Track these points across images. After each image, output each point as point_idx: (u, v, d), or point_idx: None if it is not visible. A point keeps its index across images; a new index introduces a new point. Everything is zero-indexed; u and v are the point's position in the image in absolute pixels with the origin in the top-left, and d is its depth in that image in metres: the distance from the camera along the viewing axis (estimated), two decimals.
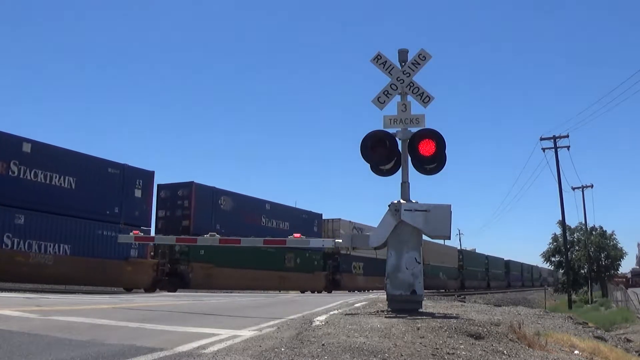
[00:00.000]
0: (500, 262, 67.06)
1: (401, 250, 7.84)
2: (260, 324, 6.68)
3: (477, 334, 5.63)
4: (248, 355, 4.28)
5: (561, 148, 36.07)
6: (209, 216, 24.82)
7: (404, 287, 7.74)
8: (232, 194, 26.96)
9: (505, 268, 68.39)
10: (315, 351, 4.34)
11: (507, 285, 66.21)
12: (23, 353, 4.15)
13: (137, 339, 4.97)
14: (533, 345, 5.80)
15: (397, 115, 8.68)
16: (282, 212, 30.41)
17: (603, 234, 47.32)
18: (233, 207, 26.43)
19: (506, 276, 68.12)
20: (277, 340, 4.98)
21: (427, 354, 4.52)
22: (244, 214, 26.89)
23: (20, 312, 7.09)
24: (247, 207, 27.75)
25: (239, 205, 26.95)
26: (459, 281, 51.30)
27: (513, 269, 71.74)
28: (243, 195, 28.14)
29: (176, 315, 8.16)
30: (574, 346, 7.75)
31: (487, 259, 62.02)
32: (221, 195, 26.08)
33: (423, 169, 8.82)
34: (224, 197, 26.24)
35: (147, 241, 11.50)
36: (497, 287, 60.17)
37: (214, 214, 25.20)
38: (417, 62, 8.83)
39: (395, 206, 7.96)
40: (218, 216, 25.26)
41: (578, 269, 45.88)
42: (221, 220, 25.11)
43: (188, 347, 4.58)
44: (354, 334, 5.18)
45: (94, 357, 4.11)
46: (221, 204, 25.86)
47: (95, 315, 7.16)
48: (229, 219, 25.57)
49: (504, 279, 67.21)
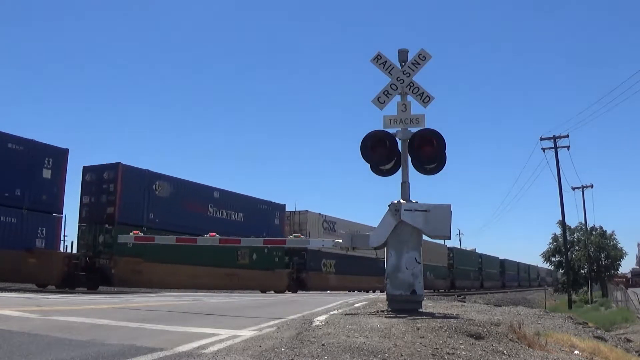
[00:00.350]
0: (495, 261, 65.64)
1: (401, 250, 7.84)
2: (260, 324, 6.68)
3: (477, 334, 5.63)
4: (248, 355, 4.28)
5: (561, 148, 36.07)
6: (139, 203, 21.61)
7: (404, 287, 7.74)
8: (170, 179, 23.62)
9: (501, 267, 66.96)
10: (315, 351, 4.35)
11: (502, 285, 64.60)
12: (23, 353, 4.16)
13: (137, 339, 4.97)
14: (533, 345, 5.80)
15: (397, 115, 8.69)
16: (235, 201, 27.11)
17: (603, 234, 47.29)
18: (172, 194, 23.12)
19: (501, 276, 66.72)
20: (277, 340, 4.98)
21: (427, 354, 4.52)
22: (185, 202, 23.69)
23: (20, 312, 7.09)
24: (190, 194, 24.42)
25: (179, 192, 23.65)
26: (448, 281, 49.55)
27: (509, 268, 70.21)
28: (185, 181, 24.83)
29: (176, 315, 8.16)
30: (574, 346, 7.75)
31: (481, 258, 60.61)
32: (156, 180, 22.70)
33: (423, 169, 8.83)
34: (160, 182, 22.84)
35: (147, 241, 11.45)
36: (491, 287, 58.70)
37: (147, 201, 21.94)
38: (417, 62, 8.84)
39: (395, 206, 7.96)
40: (152, 203, 22.12)
41: (578, 269, 45.86)
42: (156, 208, 22.18)
43: (188, 347, 4.59)
44: (354, 334, 5.18)
45: (94, 357, 4.11)
46: (156, 190, 22.53)
47: (95, 315, 7.17)
48: (166, 207, 22.61)
49: (499, 279, 65.76)
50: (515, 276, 73.78)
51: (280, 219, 30.34)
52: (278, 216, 30.23)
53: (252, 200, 28.86)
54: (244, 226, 25.66)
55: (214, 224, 22.69)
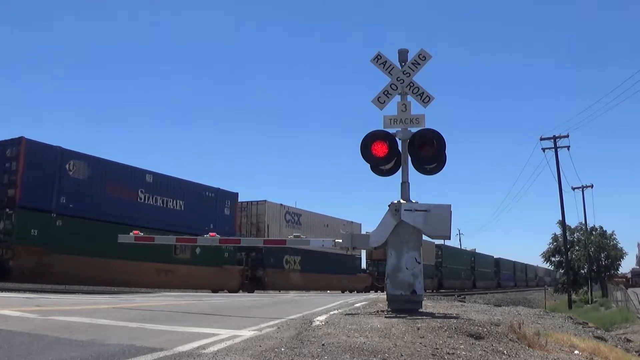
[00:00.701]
0: (489, 259, 63.33)
1: (401, 250, 7.85)
2: (260, 324, 6.68)
3: (477, 334, 5.63)
4: (248, 355, 4.28)
5: (561, 148, 36.12)
6: (48, 185, 18.41)
7: (404, 287, 7.75)
8: (88, 158, 20.08)
9: (495, 267, 64.49)
10: (315, 351, 4.35)
11: (497, 285, 62.03)
12: (23, 353, 4.16)
13: (137, 339, 4.97)
14: (533, 345, 5.80)
15: (397, 115, 8.69)
16: (173, 187, 23.38)
17: (603, 234, 47.30)
18: (90, 176, 19.76)
19: (496, 275, 64.20)
20: (277, 340, 4.98)
21: (427, 354, 4.52)
22: (109, 186, 20.27)
23: (21, 312, 7.09)
24: (115, 177, 20.75)
25: (100, 174, 20.17)
26: (435, 280, 46.12)
27: (504, 267, 67.64)
28: (107, 161, 20.97)
29: (176, 315, 8.16)
30: (574, 346, 7.75)
31: (473, 256, 58.28)
32: (70, 159, 19.20)
33: (423, 169, 8.83)
34: (75, 162, 19.31)
35: (147, 241, 11.43)
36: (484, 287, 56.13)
37: (58, 183, 18.70)
38: (417, 62, 8.84)
39: (395, 206, 7.97)
40: (64, 186, 18.82)
41: (578, 269, 45.87)
42: (69, 191, 18.89)
43: (188, 347, 4.59)
44: (354, 334, 5.18)
45: (94, 357, 4.11)
46: (70, 170, 19.16)
47: (96, 315, 7.16)
48: (83, 191, 19.32)
49: (494, 279, 63.20)
50: (512, 276, 71.49)
51: (231, 209, 26.66)
52: (229, 206, 26.46)
53: (194, 186, 25.00)
54: (184, 215, 23.11)
55: (146, 212, 20.94)
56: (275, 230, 29.74)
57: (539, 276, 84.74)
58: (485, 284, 58.58)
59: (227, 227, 25.24)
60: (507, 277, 68.48)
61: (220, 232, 23.43)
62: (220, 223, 24.87)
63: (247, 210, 29.69)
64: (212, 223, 23.72)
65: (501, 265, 66.52)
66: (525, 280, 77.40)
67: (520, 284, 73.69)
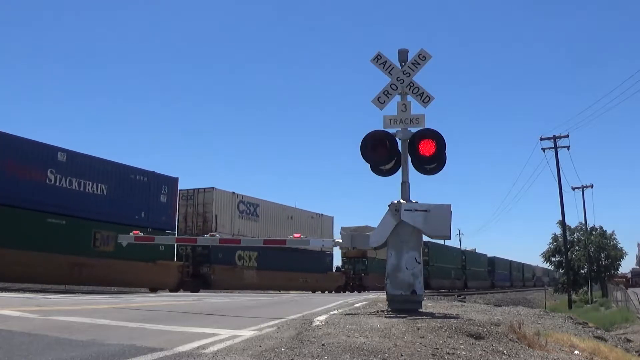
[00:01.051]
0: (482, 258, 61.04)
1: (401, 250, 7.85)
2: (260, 324, 6.68)
3: (477, 334, 5.63)
4: (248, 355, 4.28)
5: (561, 148, 36.12)
6: None
7: (404, 287, 7.75)
8: None
9: (489, 266, 61.86)
10: (315, 351, 4.35)
11: (491, 285, 59.54)
12: (23, 353, 4.15)
13: (137, 339, 4.97)
14: (533, 345, 5.80)
15: (397, 115, 8.70)
16: (93, 168, 19.78)
17: (603, 234, 47.34)
18: None
19: (490, 275, 61.66)
20: (277, 340, 4.98)
21: (427, 354, 4.52)
22: (9, 164, 16.95)
23: (21, 312, 7.09)
24: (16, 154, 17.21)
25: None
26: None
27: (499, 267, 64.75)
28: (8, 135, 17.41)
29: (176, 315, 8.16)
30: (574, 346, 7.75)
31: (464, 255, 55.85)
32: None
33: (423, 169, 8.84)
34: None
35: (147, 241, 11.45)
36: (477, 287, 53.92)
37: None
38: (417, 62, 8.84)
39: (395, 206, 7.97)
40: None
41: (578, 269, 45.90)
42: None
43: (188, 347, 4.59)
44: (354, 334, 5.18)
45: (94, 357, 4.11)
46: None
47: (96, 315, 7.16)
48: None
49: (487, 279, 60.71)
50: (507, 276, 68.55)
51: (170, 196, 23.02)
52: (166, 192, 22.75)
53: (121, 168, 21.23)
54: (108, 201, 20.00)
55: (57, 196, 17.99)
56: (225, 222, 26.89)
57: (537, 276, 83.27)
58: (478, 284, 56.26)
59: (164, 217, 22.41)
60: (502, 277, 65.90)
61: (154, 222, 21.49)
62: (155, 212, 21.90)
63: (193, 198, 26.42)
64: (143, 211, 21.27)
65: (496, 265, 63.95)
66: (522, 280, 74.90)
67: (517, 284, 71.16)
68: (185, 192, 26.16)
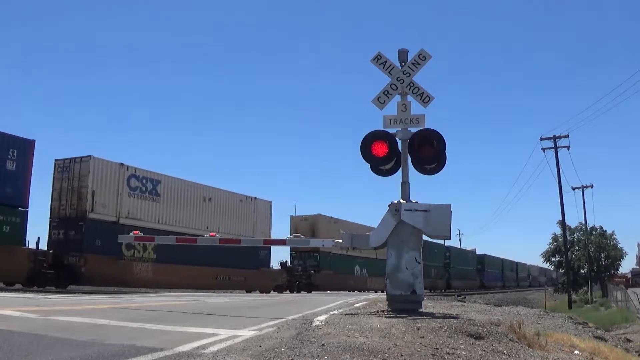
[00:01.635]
0: (469, 256, 57.37)
1: (401, 250, 7.85)
2: (260, 324, 6.69)
3: (477, 334, 5.63)
4: (248, 355, 4.28)
5: (561, 148, 36.10)
6: None
7: (404, 287, 7.75)
8: None
9: (479, 264, 57.87)
10: (315, 351, 4.35)
11: (480, 285, 55.38)
12: (23, 353, 4.16)
13: (137, 339, 4.97)
14: (533, 345, 5.80)
15: (397, 115, 8.70)
16: None
17: (603, 234, 47.42)
18: None
19: (479, 274, 57.65)
20: (277, 340, 4.98)
21: (427, 354, 4.52)
22: None
23: (21, 312, 7.10)
24: None
25: None
26: None
27: (489, 265, 60.49)
28: None
29: (176, 315, 8.17)
30: (574, 346, 7.75)
31: (449, 252, 50.47)
32: None
33: (423, 169, 8.84)
34: None
35: (147, 241, 11.46)
36: (462, 287, 50.21)
37: None
38: (417, 62, 8.85)
39: (395, 206, 7.97)
40: None
41: (578, 269, 45.97)
42: None
43: (188, 347, 4.59)
44: (354, 334, 5.18)
45: (94, 357, 4.12)
46: None
47: (95, 315, 7.17)
48: None
49: (475, 278, 56.52)
50: (499, 275, 63.94)
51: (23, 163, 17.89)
52: (14, 157, 17.56)
53: None
54: None
55: None
56: (108, 201, 20.75)
57: (533, 276, 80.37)
58: (464, 284, 51.80)
59: (9, 189, 17.30)
60: (492, 277, 61.46)
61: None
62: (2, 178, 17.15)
63: (69, 170, 20.54)
64: None
65: (486, 263, 59.54)
66: (516, 280, 70.34)
67: (510, 284, 66.43)
68: (61, 162, 20.81)
